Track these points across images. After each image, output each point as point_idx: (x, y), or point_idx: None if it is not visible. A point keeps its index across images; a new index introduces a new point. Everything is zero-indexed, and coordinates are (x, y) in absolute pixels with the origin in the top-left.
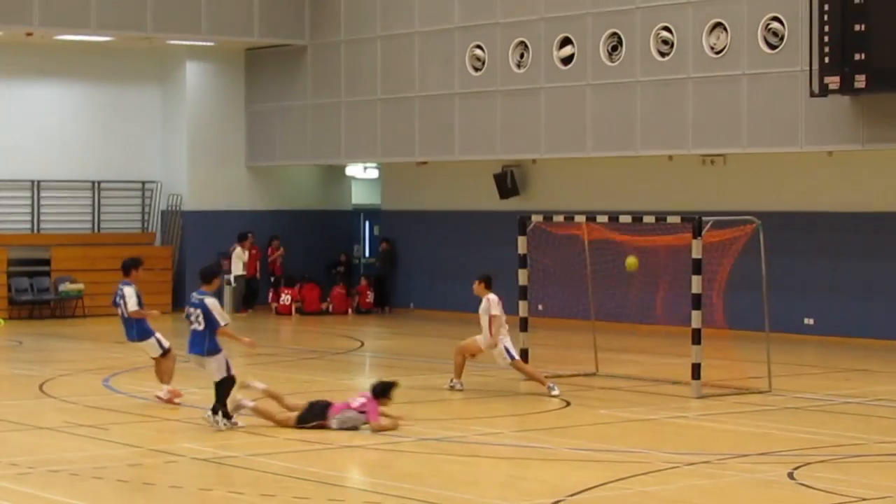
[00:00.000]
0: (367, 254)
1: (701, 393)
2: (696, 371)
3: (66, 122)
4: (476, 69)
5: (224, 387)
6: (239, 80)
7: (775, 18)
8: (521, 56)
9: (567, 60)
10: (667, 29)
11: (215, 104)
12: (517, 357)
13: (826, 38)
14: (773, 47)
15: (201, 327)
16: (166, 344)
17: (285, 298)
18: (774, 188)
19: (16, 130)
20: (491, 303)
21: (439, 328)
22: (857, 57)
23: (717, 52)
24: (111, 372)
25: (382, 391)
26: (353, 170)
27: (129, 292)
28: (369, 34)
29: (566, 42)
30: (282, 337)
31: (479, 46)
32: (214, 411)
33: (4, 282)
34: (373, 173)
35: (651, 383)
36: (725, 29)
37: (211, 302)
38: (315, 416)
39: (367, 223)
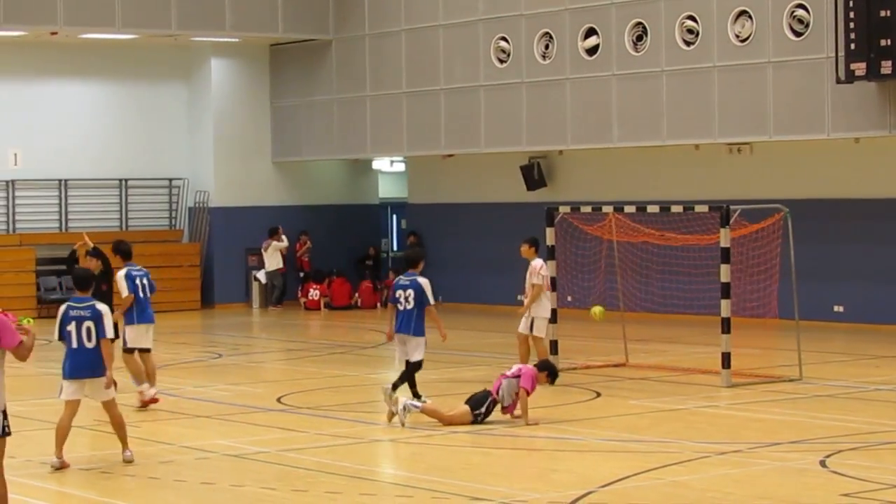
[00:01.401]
0: (394, 247)
1: (731, 382)
2: (725, 360)
3: (93, 121)
4: (501, 61)
5: (417, 369)
6: (264, 76)
7: (800, 6)
8: (546, 47)
9: (592, 51)
10: (691, 18)
11: (241, 100)
12: (540, 336)
13: (851, 25)
14: (798, 34)
15: (410, 306)
16: (135, 343)
17: (314, 293)
18: (802, 176)
19: (42, 130)
20: (533, 270)
21: (467, 321)
22: (882, 43)
23: (743, 41)
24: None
25: (547, 366)
26: (380, 164)
27: (119, 277)
28: (394, 28)
29: (591, 32)
30: (311, 332)
31: (503, 38)
32: (395, 388)
33: (33, 281)
34: (399, 167)
35: (681, 373)
36: (750, 17)
37: (424, 281)
38: (483, 400)
39: (394, 217)
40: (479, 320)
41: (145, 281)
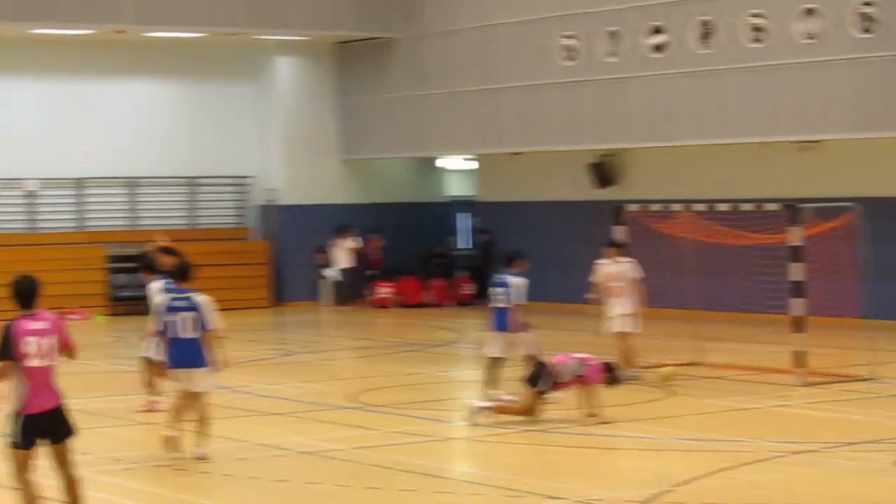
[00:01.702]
0: (463, 245)
1: (806, 381)
2: (799, 359)
3: (161, 119)
4: (568, 59)
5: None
6: (331, 74)
7: (868, 3)
8: (614, 45)
9: (659, 48)
10: (758, 15)
11: (308, 98)
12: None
13: None
14: (866, 31)
15: (503, 304)
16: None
17: (383, 291)
18: (872, 173)
19: (111, 128)
20: (626, 269)
21: (536, 319)
22: None
23: (810, 38)
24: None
25: (611, 369)
26: (448, 161)
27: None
28: (461, 25)
29: (658, 30)
30: (381, 330)
31: (570, 36)
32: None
33: (103, 278)
34: (469, 164)
35: (754, 372)
36: (818, 14)
37: (517, 281)
38: (540, 373)
39: (462, 215)
40: (548, 319)
41: None
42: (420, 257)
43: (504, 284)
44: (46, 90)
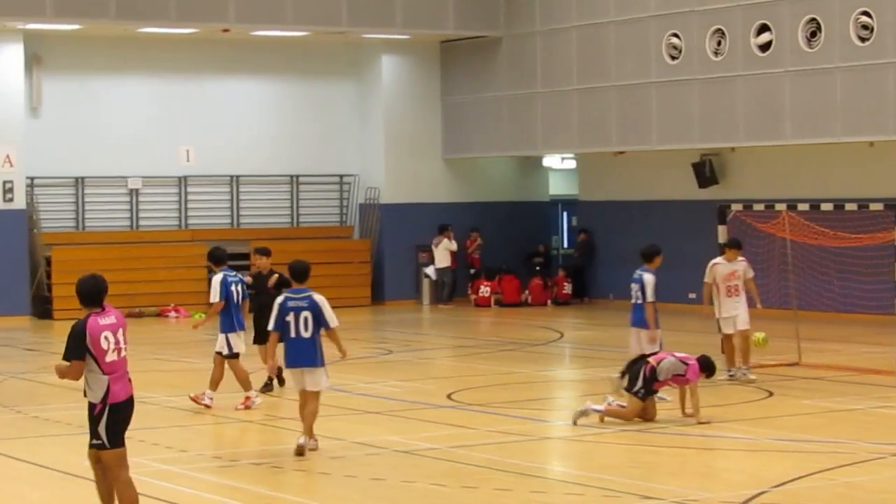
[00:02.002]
0: (564, 244)
1: None
2: None
3: (264, 118)
4: (673, 57)
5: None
6: (434, 73)
7: None
8: (719, 44)
9: (765, 47)
10: (866, 13)
11: (411, 97)
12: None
13: None
14: None
15: (639, 301)
16: (237, 349)
17: (484, 290)
18: None
19: (214, 127)
20: (740, 269)
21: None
22: None
23: None
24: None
25: (708, 366)
26: (550, 160)
27: (214, 282)
28: (565, 24)
29: (763, 29)
30: (481, 329)
31: (675, 34)
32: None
33: (205, 276)
34: (570, 164)
35: (855, 373)
36: None
37: (648, 278)
38: (638, 373)
39: (564, 214)
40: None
41: (240, 288)
42: (520, 256)
43: (638, 281)
44: (150, 89)
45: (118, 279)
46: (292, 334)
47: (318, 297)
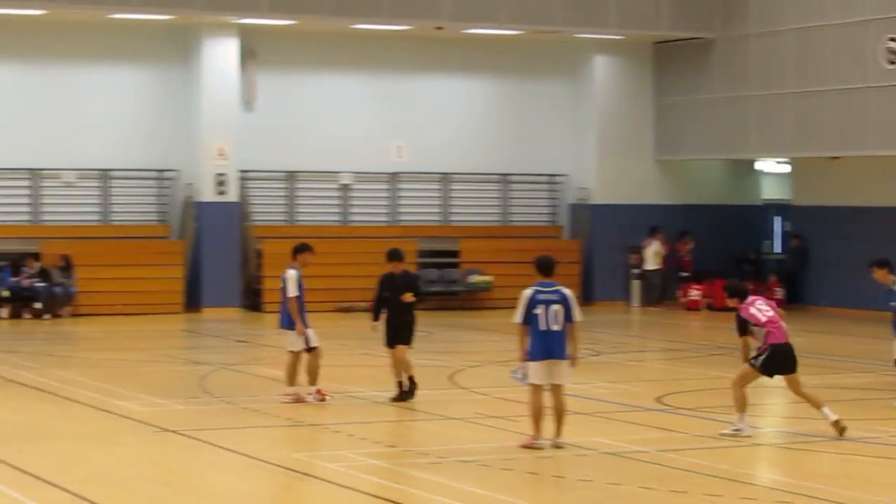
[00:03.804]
0: (776, 249)
1: None
2: None
3: (475, 116)
4: (891, 62)
5: None
6: (647, 74)
7: None
8: None
9: None
10: None
11: (623, 98)
12: None
13: None
14: None
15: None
16: (313, 342)
17: (694, 294)
18: None
19: (425, 124)
20: None
21: (850, 327)
22: None
23: None
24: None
25: None
26: (764, 164)
27: (290, 276)
28: (781, 27)
29: None
30: (691, 332)
31: (893, 39)
32: None
33: (414, 272)
34: (783, 167)
35: None
36: None
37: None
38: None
39: (777, 218)
40: (863, 327)
41: (302, 283)
42: (731, 260)
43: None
44: (363, 85)
45: (328, 273)
46: (542, 327)
47: (568, 291)
